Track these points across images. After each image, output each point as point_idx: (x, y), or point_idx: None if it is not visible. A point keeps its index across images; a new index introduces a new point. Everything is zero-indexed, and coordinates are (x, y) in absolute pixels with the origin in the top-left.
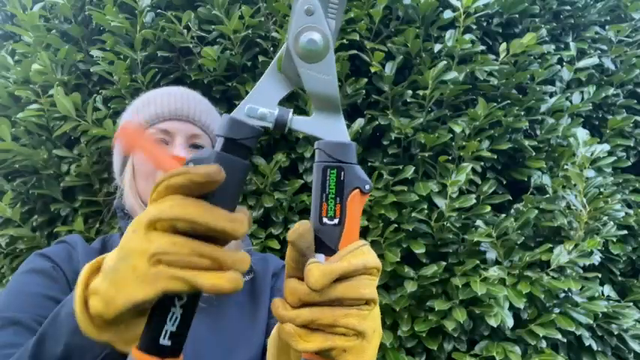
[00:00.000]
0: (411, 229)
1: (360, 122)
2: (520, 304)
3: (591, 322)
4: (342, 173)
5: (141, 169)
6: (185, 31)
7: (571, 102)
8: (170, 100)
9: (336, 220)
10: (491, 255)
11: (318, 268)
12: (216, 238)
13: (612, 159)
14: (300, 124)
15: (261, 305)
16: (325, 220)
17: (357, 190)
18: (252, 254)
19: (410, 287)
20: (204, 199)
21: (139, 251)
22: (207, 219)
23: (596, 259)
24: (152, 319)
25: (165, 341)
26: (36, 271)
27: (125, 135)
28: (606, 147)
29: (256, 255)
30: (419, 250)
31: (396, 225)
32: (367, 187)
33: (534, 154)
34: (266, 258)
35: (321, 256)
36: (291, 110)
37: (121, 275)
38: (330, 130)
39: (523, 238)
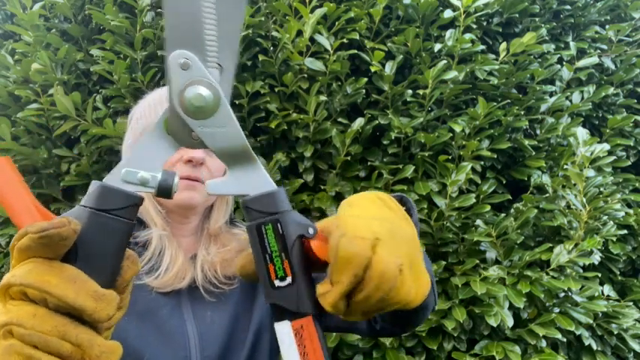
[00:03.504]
0: None
1: (360, 122)
2: (520, 303)
3: (591, 321)
4: (279, 226)
5: None
6: None
7: (571, 101)
8: None
9: (288, 279)
10: (491, 254)
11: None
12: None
13: (612, 158)
14: (218, 187)
15: (255, 307)
16: (277, 282)
17: (301, 238)
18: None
19: None
20: (75, 263)
21: None
22: (63, 291)
23: (596, 258)
24: None
25: None
26: None
27: None
28: (606, 146)
29: None
30: None
31: None
32: (311, 230)
33: (534, 153)
34: None
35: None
36: (176, 173)
37: None
38: (251, 182)
39: (523, 237)
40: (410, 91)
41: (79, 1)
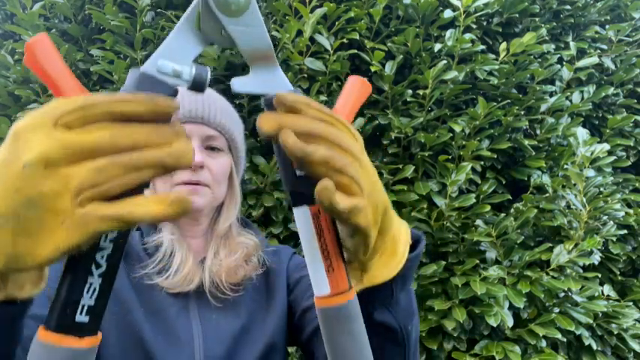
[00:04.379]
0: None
1: (359, 121)
2: (520, 303)
3: (591, 321)
4: None
5: None
6: None
7: (571, 101)
8: (184, 102)
9: None
10: (491, 254)
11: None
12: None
13: (612, 158)
14: (241, 85)
15: (276, 299)
16: (298, 171)
17: None
18: (265, 247)
19: None
20: None
21: (54, 192)
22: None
23: (596, 258)
24: (64, 292)
25: (82, 317)
26: None
27: (29, 49)
28: (606, 146)
29: (268, 251)
30: None
31: None
32: None
33: (534, 153)
34: (278, 251)
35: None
36: (209, 69)
37: (34, 225)
38: (272, 83)
39: (523, 237)
40: (410, 91)
41: (79, 1)
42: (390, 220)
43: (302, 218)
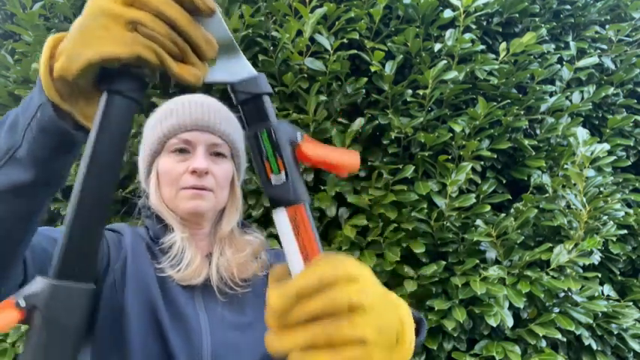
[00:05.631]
0: (410, 229)
1: (359, 121)
2: (520, 303)
3: (591, 321)
4: (272, 132)
5: (164, 176)
6: None
7: (571, 101)
8: (191, 110)
9: (283, 175)
10: (491, 254)
11: (275, 292)
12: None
13: (612, 158)
14: (209, 75)
15: None
16: (273, 178)
17: (290, 142)
18: (267, 250)
19: (410, 287)
20: None
21: (114, 14)
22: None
23: (596, 258)
24: None
25: None
26: (110, 229)
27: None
28: (606, 146)
29: (270, 251)
30: (419, 249)
31: (396, 224)
32: (299, 136)
33: (534, 153)
34: (279, 254)
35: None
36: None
37: (92, 33)
38: (237, 70)
39: (523, 237)
40: (410, 91)
41: (79, 1)
42: (404, 331)
43: (280, 219)
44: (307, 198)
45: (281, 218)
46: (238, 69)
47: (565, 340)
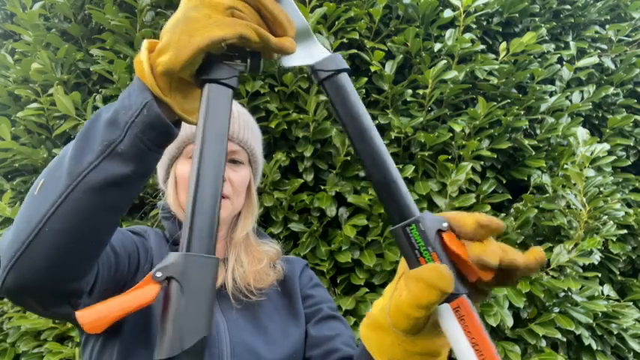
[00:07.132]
0: None
1: None
2: (520, 303)
3: (591, 321)
4: (420, 225)
5: (182, 181)
6: None
7: (571, 101)
8: None
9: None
10: None
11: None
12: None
13: (612, 158)
14: (288, 60)
15: (296, 302)
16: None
17: (439, 232)
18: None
19: None
20: None
21: (214, 3)
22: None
23: (596, 258)
24: None
25: None
26: (134, 232)
27: None
28: (606, 146)
29: (281, 258)
30: None
31: None
32: (445, 224)
33: (534, 153)
34: (289, 260)
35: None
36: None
37: (197, 22)
38: (314, 53)
39: (523, 237)
40: (410, 91)
41: (78, 0)
42: None
43: (445, 316)
44: (466, 290)
45: (445, 314)
46: (315, 52)
47: (565, 339)
